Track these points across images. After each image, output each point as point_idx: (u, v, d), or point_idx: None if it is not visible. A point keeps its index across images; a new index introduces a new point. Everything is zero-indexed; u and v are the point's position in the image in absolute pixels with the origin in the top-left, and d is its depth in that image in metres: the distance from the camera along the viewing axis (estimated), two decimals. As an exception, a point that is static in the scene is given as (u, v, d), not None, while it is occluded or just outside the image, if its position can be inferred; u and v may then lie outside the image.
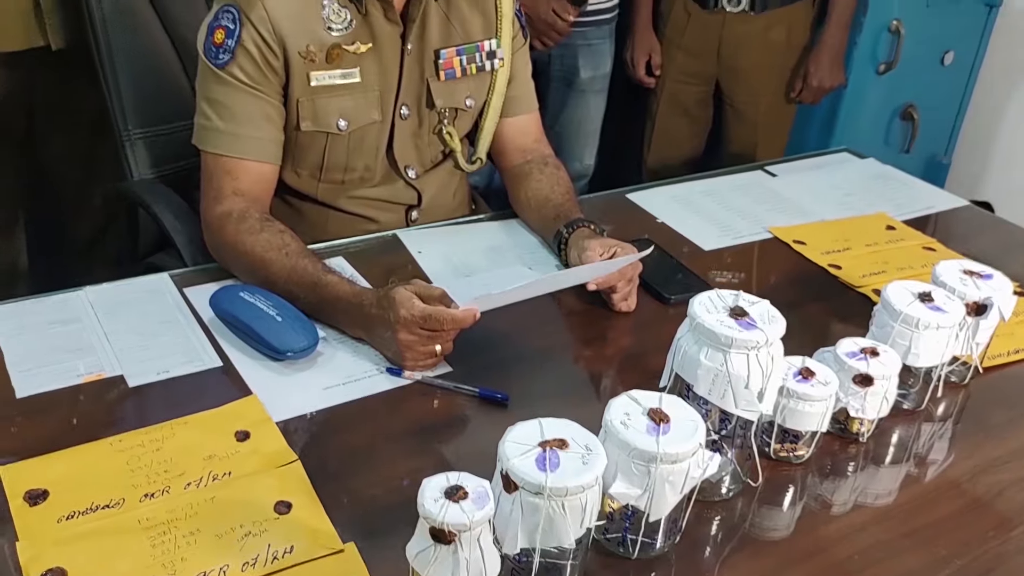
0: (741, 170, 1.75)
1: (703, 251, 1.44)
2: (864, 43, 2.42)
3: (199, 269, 1.29)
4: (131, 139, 1.57)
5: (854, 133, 2.50)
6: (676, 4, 2.35)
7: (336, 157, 1.35)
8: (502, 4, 1.39)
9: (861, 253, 1.44)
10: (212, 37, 1.23)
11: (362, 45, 1.28)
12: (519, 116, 1.48)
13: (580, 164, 2.49)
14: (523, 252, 1.39)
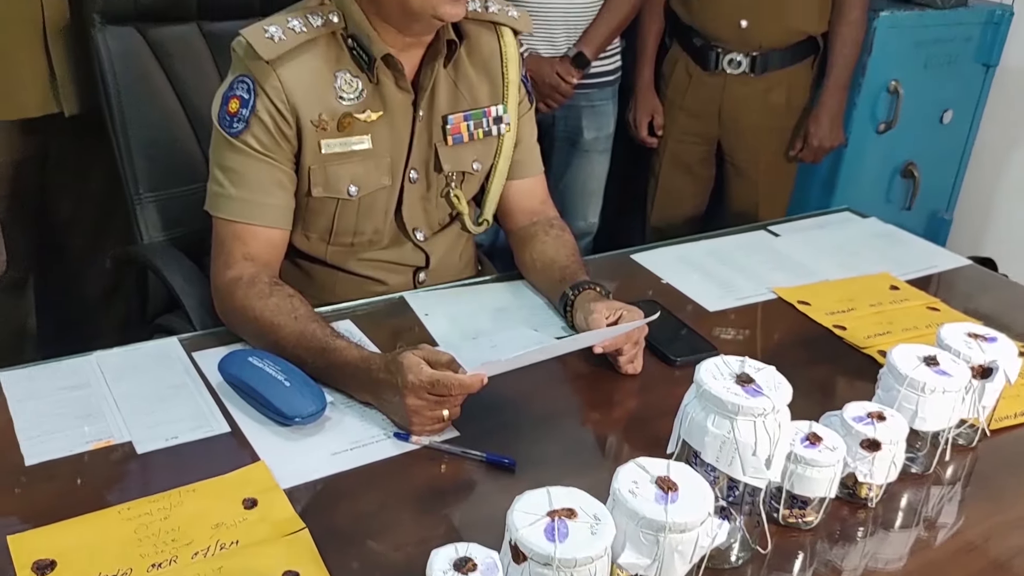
0: (744, 230, 1.77)
1: (708, 312, 1.45)
2: (863, 103, 2.46)
3: (208, 333, 1.30)
4: (142, 202, 1.60)
5: (856, 191, 2.52)
6: (678, 66, 2.39)
7: (346, 221, 1.37)
8: (509, 71, 1.42)
9: (865, 314, 1.45)
10: (227, 106, 1.26)
11: (373, 113, 1.31)
12: (525, 179, 1.50)
13: (584, 222, 2.52)
14: (529, 314, 1.40)
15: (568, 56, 2.25)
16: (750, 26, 2.24)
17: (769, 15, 2.23)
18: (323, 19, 1.28)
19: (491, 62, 1.42)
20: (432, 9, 1.24)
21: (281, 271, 1.33)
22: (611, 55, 2.38)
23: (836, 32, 2.27)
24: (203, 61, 1.64)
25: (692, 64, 2.36)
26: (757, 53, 2.28)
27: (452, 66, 1.37)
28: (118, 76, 1.56)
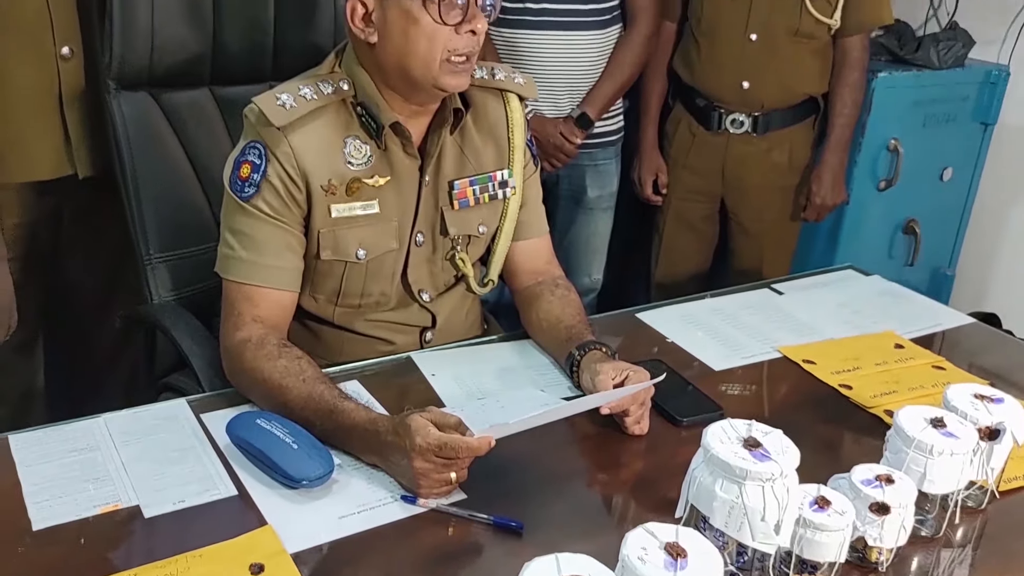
0: (748, 288, 1.78)
1: (713, 371, 1.45)
2: (864, 161, 2.50)
3: (217, 394, 1.31)
4: (152, 263, 1.61)
5: (858, 248, 2.54)
6: (681, 125, 2.43)
7: (353, 284, 1.38)
8: (515, 136, 1.45)
9: (871, 373, 1.45)
10: (238, 171, 1.28)
11: (381, 178, 1.33)
12: (530, 239, 1.52)
13: (589, 279, 2.53)
14: (535, 374, 1.41)
15: (572, 117, 2.29)
16: (752, 87, 2.28)
17: (770, 77, 2.27)
18: (333, 87, 1.31)
19: (497, 128, 1.44)
20: (434, 80, 1.27)
21: (289, 331, 1.34)
22: (614, 115, 2.42)
23: (836, 92, 2.31)
24: (214, 125, 1.67)
25: (695, 124, 2.39)
26: (759, 113, 2.31)
27: (459, 132, 1.40)
28: (132, 140, 1.58)
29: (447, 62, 1.26)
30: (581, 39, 2.26)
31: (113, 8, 1.51)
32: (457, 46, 1.25)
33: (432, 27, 1.23)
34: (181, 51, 1.61)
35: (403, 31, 1.24)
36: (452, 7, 1.23)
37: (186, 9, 1.58)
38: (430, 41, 1.24)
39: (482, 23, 1.26)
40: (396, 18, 1.24)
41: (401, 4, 1.23)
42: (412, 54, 1.25)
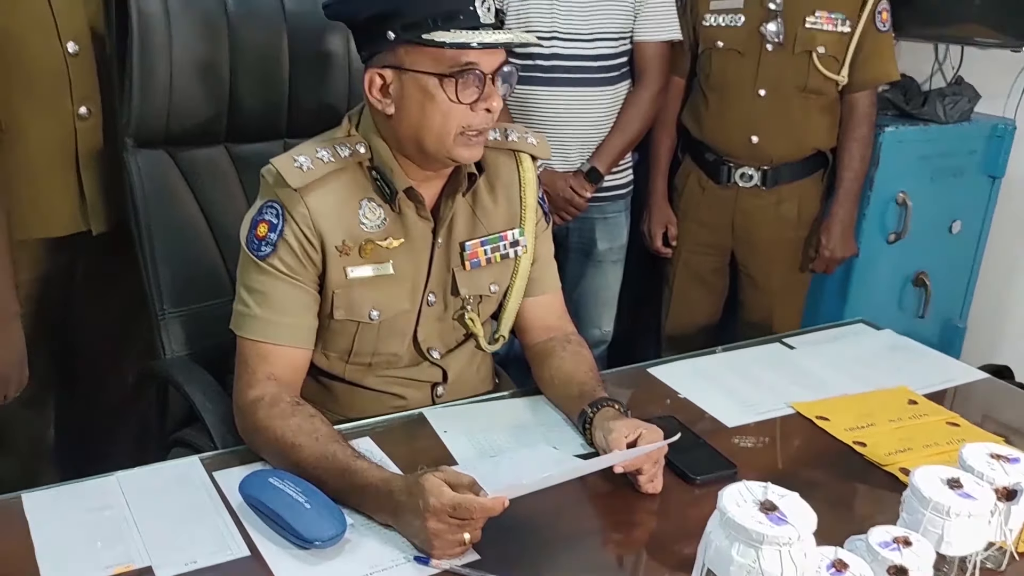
0: (759, 343, 1.78)
1: (726, 427, 1.45)
2: (873, 214, 2.51)
3: (229, 452, 1.31)
4: (166, 317, 1.62)
5: (868, 300, 2.54)
6: (690, 179, 2.45)
7: (365, 343, 1.39)
8: (527, 195, 1.46)
9: (885, 430, 1.44)
10: (255, 230, 1.30)
11: (394, 240, 1.35)
12: (542, 296, 1.53)
13: (599, 331, 2.53)
14: (547, 430, 1.40)
15: (582, 171, 2.31)
16: (761, 142, 2.30)
17: (779, 131, 2.30)
18: (351, 150, 1.33)
19: (510, 187, 1.46)
20: (448, 152, 1.29)
21: (302, 387, 1.34)
22: (624, 169, 2.44)
23: (844, 147, 2.33)
24: (229, 181, 1.69)
25: (704, 177, 2.41)
26: (768, 167, 2.33)
27: (471, 193, 1.41)
28: (148, 196, 1.60)
29: (461, 135, 1.28)
30: (591, 95, 2.29)
31: (132, 68, 1.55)
32: (472, 123, 1.27)
33: (448, 104, 1.25)
34: (198, 110, 1.63)
35: (419, 105, 1.26)
36: (468, 86, 1.25)
37: (203, 69, 1.61)
38: (445, 117, 1.26)
39: (497, 101, 1.27)
40: (413, 92, 1.26)
41: (418, 80, 1.25)
42: (427, 128, 1.27)
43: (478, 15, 1.24)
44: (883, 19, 2.27)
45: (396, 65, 1.27)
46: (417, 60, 1.25)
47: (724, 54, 2.32)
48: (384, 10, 1.25)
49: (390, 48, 1.26)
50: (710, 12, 2.33)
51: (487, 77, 1.26)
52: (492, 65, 1.27)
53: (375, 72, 1.28)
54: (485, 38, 1.23)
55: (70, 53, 1.65)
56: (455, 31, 1.22)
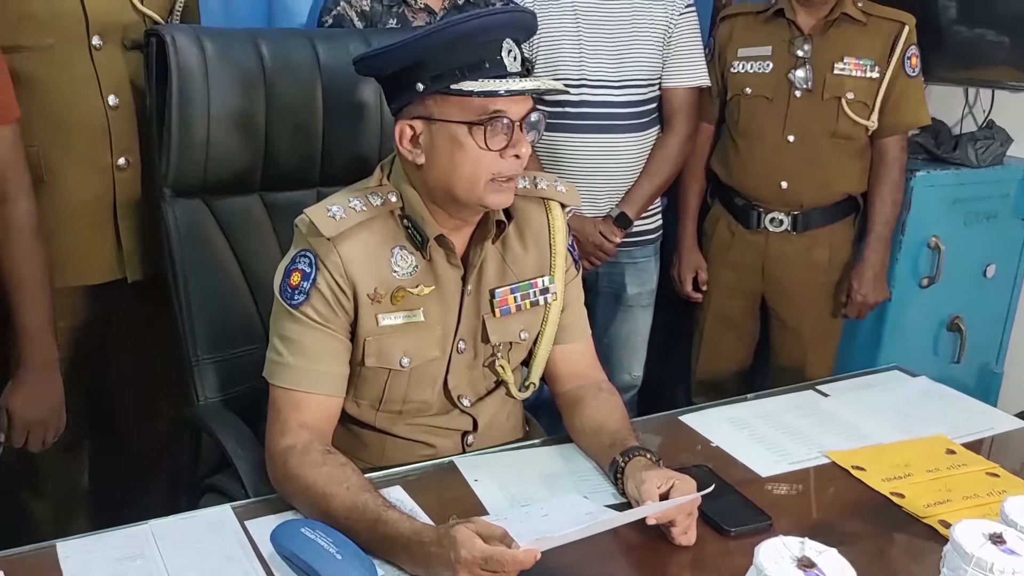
0: (792, 390, 1.76)
1: (760, 477, 1.43)
2: (905, 259, 2.48)
3: (261, 500, 1.31)
4: (200, 364, 1.64)
5: (902, 345, 2.51)
6: (720, 223, 2.44)
7: (396, 391, 1.39)
8: (556, 242, 1.47)
9: (923, 480, 1.42)
10: (288, 279, 1.32)
11: (425, 287, 1.36)
12: (572, 344, 1.53)
13: (629, 376, 2.52)
14: (579, 480, 1.39)
15: (611, 216, 2.32)
16: (790, 187, 2.30)
17: (809, 177, 2.29)
18: (382, 199, 1.35)
19: (539, 235, 1.47)
20: (478, 200, 1.30)
21: (332, 435, 1.35)
22: (653, 214, 2.44)
23: (875, 191, 2.32)
24: (263, 229, 1.72)
25: (734, 222, 2.41)
26: (798, 212, 2.33)
27: (500, 241, 1.42)
28: (184, 244, 1.63)
29: (491, 182, 1.29)
30: (619, 141, 2.30)
31: (171, 120, 1.58)
32: (501, 169, 1.29)
33: (477, 152, 1.27)
34: (234, 160, 1.66)
35: (449, 154, 1.28)
36: (497, 133, 1.27)
37: (240, 120, 1.64)
38: (475, 165, 1.27)
39: (526, 148, 1.29)
40: (442, 142, 1.28)
41: (447, 129, 1.27)
42: (457, 176, 1.29)
43: (504, 64, 1.26)
44: (913, 64, 2.28)
45: (425, 116, 1.29)
46: (446, 110, 1.27)
47: (752, 100, 2.32)
48: (412, 63, 1.27)
49: (419, 100, 1.29)
50: (738, 59, 2.35)
51: (515, 124, 1.28)
52: (520, 112, 1.28)
53: (405, 124, 1.31)
54: (512, 86, 1.25)
55: (111, 106, 1.69)
56: (482, 80, 1.24)
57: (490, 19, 1.28)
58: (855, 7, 2.26)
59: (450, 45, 1.25)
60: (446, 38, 1.26)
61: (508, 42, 1.27)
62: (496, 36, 1.27)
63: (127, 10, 1.70)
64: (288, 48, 1.70)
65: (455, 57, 1.25)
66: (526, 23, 1.35)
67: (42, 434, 1.63)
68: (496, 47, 1.26)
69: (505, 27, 1.28)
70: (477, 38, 1.26)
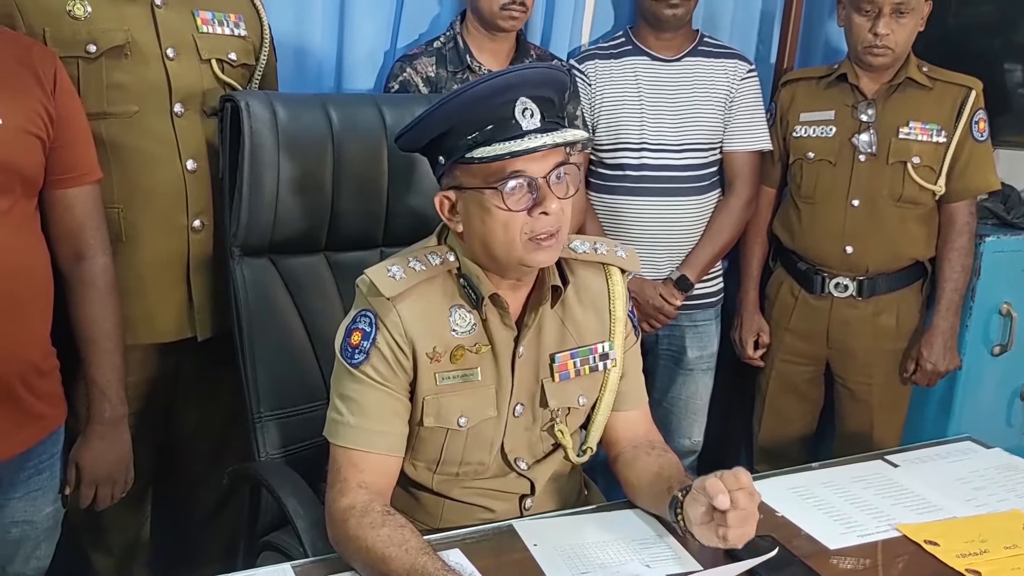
0: (860, 459, 1.71)
1: (827, 549, 1.39)
2: (975, 326, 2.42)
3: (319, 560, 1.31)
4: (263, 421, 1.66)
5: (974, 414, 2.44)
6: (783, 288, 2.41)
7: (453, 452, 1.39)
8: (616, 308, 1.46)
9: (1000, 556, 1.36)
10: (349, 339, 1.33)
11: (483, 347, 1.36)
12: (631, 411, 1.51)
13: (689, 441, 2.49)
14: (639, 547, 1.36)
15: (671, 279, 2.31)
16: (855, 252, 2.27)
17: (874, 242, 2.26)
18: (441, 258, 1.36)
19: (599, 300, 1.46)
20: (519, 259, 1.31)
21: (392, 496, 1.35)
22: (714, 276, 2.43)
23: (944, 257, 2.28)
24: (328, 288, 1.75)
25: (797, 286, 2.38)
26: (864, 277, 2.29)
27: (560, 305, 1.42)
28: (251, 302, 1.67)
29: (530, 241, 1.29)
30: (680, 204, 2.31)
31: (243, 182, 1.63)
32: (535, 228, 1.28)
33: (504, 215, 1.27)
34: (301, 220, 1.70)
35: (480, 220, 1.29)
36: (519, 194, 1.27)
37: (308, 182, 1.69)
38: (505, 227, 1.28)
39: (555, 203, 1.28)
40: (473, 209, 1.30)
41: (474, 196, 1.29)
42: (492, 240, 1.30)
43: (519, 124, 1.26)
44: (980, 129, 2.25)
45: (457, 186, 1.31)
46: (469, 178, 1.29)
47: (815, 164, 2.31)
48: (435, 137, 1.30)
49: (449, 172, 1.31)
50: (800, 123, 2.34)
51: (540, 181, 1.27)
52: (542, 169, 1.27)
53: (442, 195, 1.33)
54: (516, 147, 1.24)
55: (189, 171, 1.74)
56: (496, 144, 1.25)
57: (493, 83, 1.27)
58: (920, 72, 2.24)
59: (462, 112, 1.26)
60: (455, 106, 1.26)
61: (523, 101, 1.26)
62: (508, 97, 1.26)
63: (209, 79, 1.77)
64: (355, 112, 1.75)
65: (470, 127, 1.26)
66: (544, 78, 1.31)
67: (110, 489, 1.65)
68: (509, 108, 1.26)
69: (514, 87, 1.27)
70: (488, 101, 1.25)
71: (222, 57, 1.78)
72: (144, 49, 1.68)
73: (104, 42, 1.64)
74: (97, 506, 1.65)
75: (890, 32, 2.14)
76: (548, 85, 1.32)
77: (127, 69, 1.67)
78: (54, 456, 1.58)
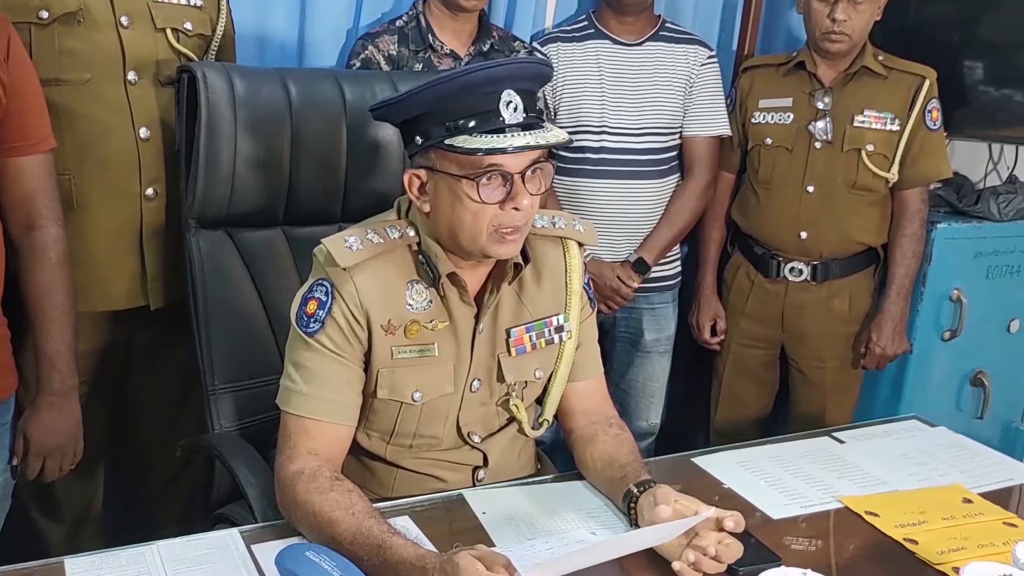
0: (808, 436, 1.75)
1: (772, 520, 1.42)
2: (926, 311, 2.46)
3: (268, 525, 1.31)
4: (216, 393, 1.65)
5: (924, 399, 2.48)
6: (739, 272, 2.45)
7: (407, 425, 1.40)
8: (572, 280, 1.48)
9: (938, 527, 1.40)
10: (305, 307, 1.33)
11: (440, 323, 1.37)
12: (585, 381, 1.53)
13: (646, 423, 2.51)
14: (588, 517, 1.38)
15: (629, 261, 2.33)
16: (810, 237, 2.30)
17: (828, 227, 2.30)
18: (400, 232, 1.37)
19: (556, 273, 1.47)
20: (482, 250, 1.32)
21: (344, 465, 1.36)
22: (671, 260, 2.46)
23: (896, 243, 2.32)
24: (285, 263, 1.74)
25: (753, 271, 2.41)
26: (818, 262, 2.33)
27: (517, 281, 1.43)
28: (206, 274, 1.66)
29: (494, 233, 1.30)
30: (639, 187, 2.33)
31: (199, 153, 1.62)
32: (503, 222, 1.29)
33: (475, 205, 1.27)
34: (258, 194, 1.70)
35: (450, 205, 1.30)
36: (494, 187, 1.27)
37: (266, 155, 1.68)
38: (474, 217, 1.28)
39: (527, 200, 1.28)
40: (444, 193, 1.30)
41: (447, 181, 1.29)
42: (459, 227, 1.30)
43: (503, 117, 1.26)
44: (934, 118, 2.29)
45: (429, 167, 1.31)
46: (445, 163, 1.29)
47: (773, 151, 2.34)
48: (415, 116, 1.30)
49: (423, 151, 1.31)
50: (759, 110, 2.37)
51: (515, 176, 1.27)
52: (519, 165, 1.28)
53: (412, 173, 1.33)
54: (499, 143, 1.24)
55: (142, 139, 1.74)
56: (478, 135, 1.25)
57: (486, 74, 1.26)
58: (876, 60, 2.28)
59: (447, 98, 1.26)
60: (443, 92, 1.26)
61: (508, 93, 1.26)
62: (493, 89, 1.26)
63: (163, 48, 1.76)
64: (315, 87, 1.75)
65: (453, 113, 1.25)
66: (531, 73, 1.33)
67: (59, 461, 1.64)
68: (494, 99, 1.25)
69: (502, 80, 1.26)
70: (475, 91, 1.25)
71: (177, 26, 1.77)
72: (97, 16, 1.67)
73: (57, 8, 1.63)
74: (45, 477, 1.63)
75: (847, 18, 2.18)
76: (532, 79, 1.33)
77: (80, 36, 1.66)
78: (3, 426, 1.56)
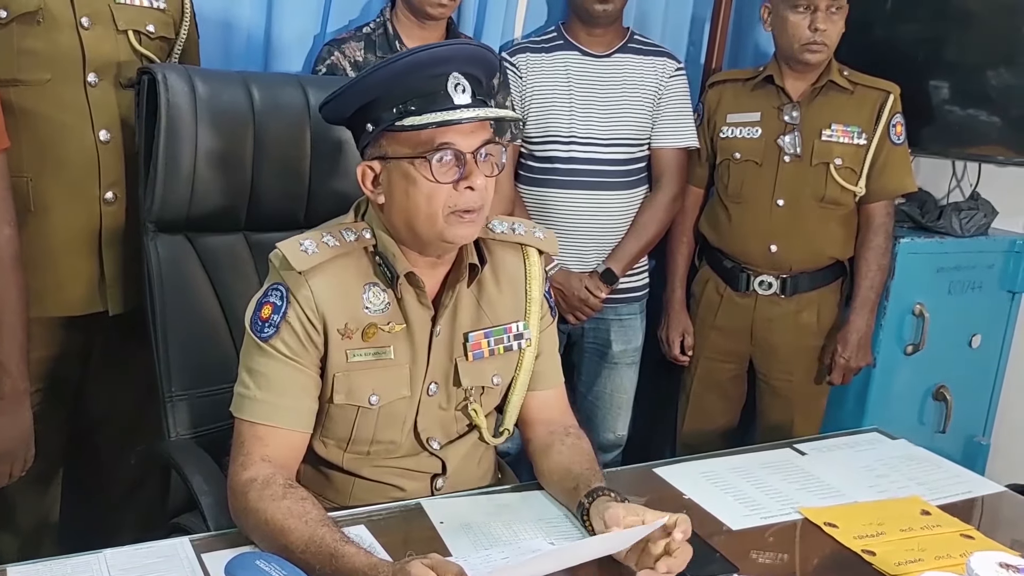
0: (770, 447, 1.75)
1: (731, 530, 1.41)
2: (889, 325, 2.48)
3: (220, 534, 1.29)
4: (173, 400, 1.62)
5: (888, 413, 2.49)
6: (708, 286, 2.45)
7: (364, 430, 1.38)
8: (532, 288, 1.47)
9: (895, 539, 1.40)
10: (260, 312, 1.32)
11: (396, 325, 1.35)
12: (545, 391, 1.52)
13: (613, 435, 2.51)
14: (547, 526, 1.37)
15: (597, 272, 2.33)
16: (779, 251, 2.32)
17: (797, 241, 2.31)
18: (356, 235, 1.36)
19: (516, 281, 1.47)
20: (439, 234, 1.31)
21: (300, 474, 1.34)
22: (639, 272, 2.46)
23: (861, 256, 2.34)
24: (246, 269, 1.72)
25: (722, 284, 2.42)
26: (787, 276, 2.34)
27: (476, 285, 1.42)
28: (165, 280, 1.63)
29: (452, 215, 1.29)
30: (608, 198, 2.34)
31: (158, 156, 1.60)
32: (458, 203, 1.29)
33: (429, 186, 1.27)
34: (219, 198, 1.68)
35: (404, 191, 1.29)
36: (447, 166, 1.27)
37: (227, 160, 1.66)
38: (429, 199, 1.28)
39: (480, 179, 1.29)
40: (397, 179, 1.30)
41: (400, 166, 1.29)
42: (414, 212, 1.30)
43: (451, 97, 1.27)
44: (897, 132, 2.31)
45: (381, 156, 1.31)
46: (396, 147, 1.29)
47: (742, 165, 2.35)
48: (363, 104, 1.30)
49: (375, 141, 1.31)
50: (727, 124, 2.39)
51: (468, 156, 1.28)
52: (471, 144, 1.28)
53: (365, 165, 1.33)
54: (451, 116, 1.25)
55: (102, 141, 1.71)
56: (428, 114, 1.25)
57: (432, 53, 1.28)
58: (841, 76, 2.30)
59: (396, 79, 1.26)
60: (389, 74, 1.27)
61: (455, 75, 1.28)
62: (441, 70, 1.27)
63: (125, 50, 1.74)
64: (278, 91, 1.73)
65: (401, 95, 1.26)
66: (476, 56, 1.34)
67: (8, 467, 1.61)
68: (441, 81, 1.27)
69: (448, 61, 1.28)
70: (423, 71, 1.27)
71: (139, 29, 1.75)
72: (57, 16, 1.65)
73: (16, 7, 1.60)
74: None
75: (827, 28, 2.20)
76: (478, 64, 1.34)
77: (39, 36, 1.63)
78: (-45, 431, 1.54)
